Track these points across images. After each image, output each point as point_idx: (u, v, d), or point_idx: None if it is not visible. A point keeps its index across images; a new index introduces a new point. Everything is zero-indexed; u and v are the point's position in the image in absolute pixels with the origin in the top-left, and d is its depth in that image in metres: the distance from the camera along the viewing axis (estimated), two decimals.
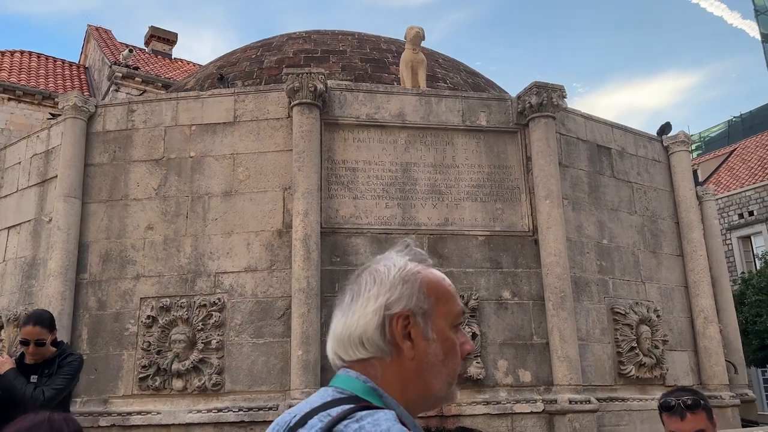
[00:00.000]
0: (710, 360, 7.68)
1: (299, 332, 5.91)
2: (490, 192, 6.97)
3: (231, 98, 6.96)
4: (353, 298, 1.17)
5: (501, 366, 6.43)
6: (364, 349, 1.13)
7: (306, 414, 1.07)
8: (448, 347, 1.16)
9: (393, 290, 1.14)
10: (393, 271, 1.17)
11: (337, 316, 1.19)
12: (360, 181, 6.71)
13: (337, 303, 1.21)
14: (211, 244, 6.52)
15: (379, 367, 1.13)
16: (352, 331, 1.14)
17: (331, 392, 1.11)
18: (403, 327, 1.12)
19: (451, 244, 6.70)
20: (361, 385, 1.11)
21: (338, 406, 1.04)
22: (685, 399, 3.06)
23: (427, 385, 1.14)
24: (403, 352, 1.12)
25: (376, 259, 1.22)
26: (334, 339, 1.17)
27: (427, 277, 1.19)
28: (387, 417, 0.99)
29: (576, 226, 7.25)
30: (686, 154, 8.52)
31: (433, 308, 1.16)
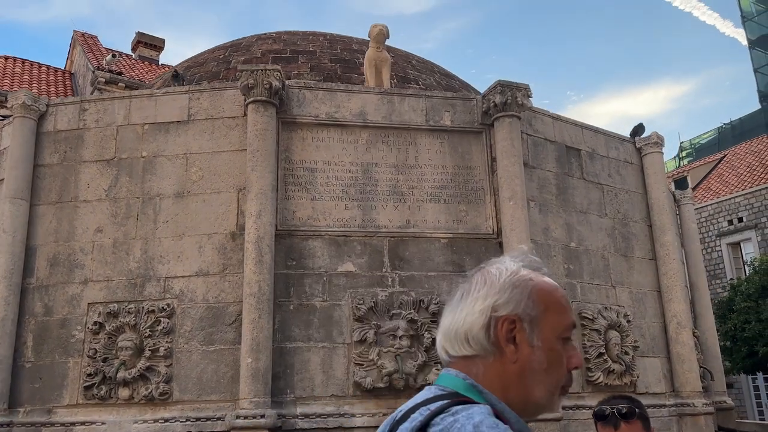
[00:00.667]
0: (683, 366, 7.47)
1: (249, 339, 5.67)
2: (453, 193, 6.76)
3: (185, 96, 6.74)
4: (463, 296, 1.23)
5: None
6: (469, 346, 1.18)
7: (409, 409, 1.12)
8: (553, 357, 1.18)
9: (502, 293, 1.18)
10: (504, 275, 1.21)
11: (447, 312, 1.25)
12: (319, 182, 6.49)
13: (449, 300, 1.26)
14: (162, 247, 6.28)
15: (481, 365, 1.17)
16: (458, 327, 1.19)
17: (433, 390, 1.17)
18: (508, 330, 1.16)
19: (412, 247, 6.49)
20: (461, 382, 1.16)
21: (438, 402, 1.09)
22: (620, 407, 2.85)
23: (527, 390, 1.16)
24: (505, 354, 1.16)
25: (490, 262, 1.27)
26: (442, 333, 1.23)
27: (538, 285, 1.21)
28: (480, 410, 1.03)
29: (543, 228, 7.05)
30: (659, 155, 8.34)
31: (542, 316, 1.19)
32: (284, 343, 5.95)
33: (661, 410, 7.17)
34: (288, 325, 6.01)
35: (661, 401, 7.29)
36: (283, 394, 5.82)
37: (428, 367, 6.01)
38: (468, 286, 1.24)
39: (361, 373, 5.88)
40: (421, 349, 6.00)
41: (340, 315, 6.11)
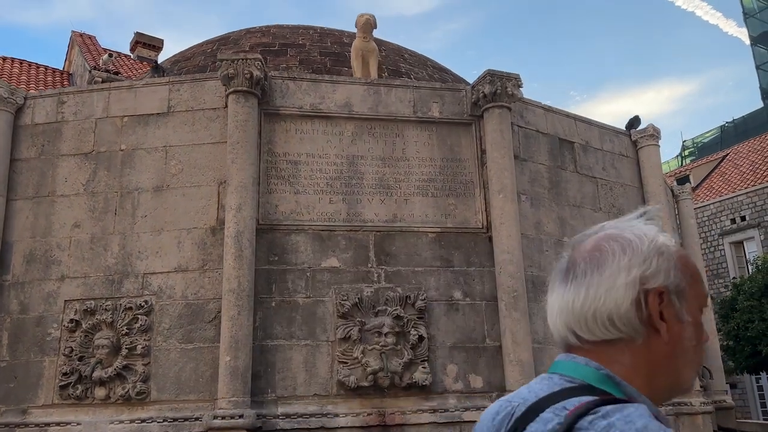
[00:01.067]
0: None
1: (228, 336, 5.47)
2: (442, 186, 6.57)
3: (165, 88, 6.55)
4: (594, 268, 1.02)
5: (450, 371, 6.00)
6: (614, 329, 1.00)
7: (534, 404, 0.97)
8: (699, 332, 1.04)
9: (648, 262, 1.01)
10: (646, 241, 1.03)
11: (562, 288, 1.06)
12: (302, 175, 6.30)
13: (555, 271, 1.09)
14: (140, 242, 6.09)
15: (626, 350, 1.00)
16: (598, 306, 1.00)
17: (557, 380, 1.01)
18: (659, 305, 1.00)
19: (399, 242, 6.29)
20: (592, 372, 1.00)
21: (572, 398, 0.94)
22: None
23: (677, 372, 1.03)
24: (656, 334, 1.00)
25: (608, 225, 1.08)
26: (569, 314, 1.03)
27: (679, 252, 1.06)
28: (640, 412, 0.87)
29: (534, 222, 6.84)
30: (655, 148, 8.13)
31: (688, 287, 1.04)
32: (265, 340, 5.76)
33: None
34: (269, 322, 5.81)
35: None
36: (264, 393, 5.62)
37: (414, 365, 5.81)
38: (598, 254, 1.03)
39: (345, 371, 5.68)
40: (407, 346, 5.80)
41: (324, 312, 5.92)
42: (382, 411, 5.67)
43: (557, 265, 1.10)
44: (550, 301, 1.10)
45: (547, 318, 1.12)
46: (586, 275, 1.03)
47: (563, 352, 1.07)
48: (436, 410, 5.77)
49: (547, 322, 1.12)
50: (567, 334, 1.05)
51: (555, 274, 1.10)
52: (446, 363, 6.01)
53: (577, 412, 0.89)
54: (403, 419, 5.68)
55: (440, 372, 5.97)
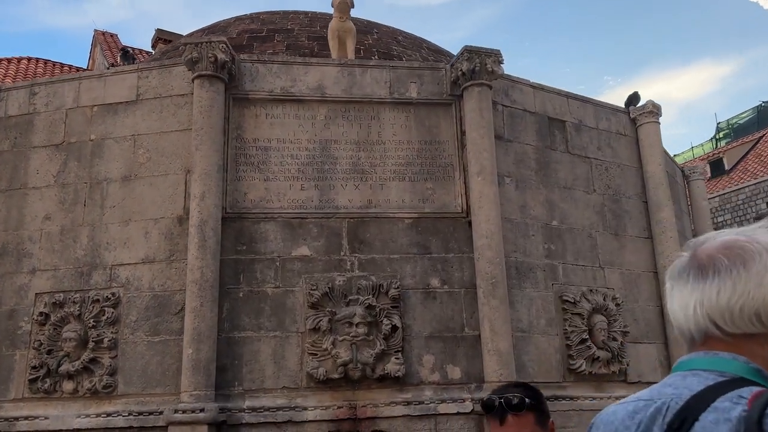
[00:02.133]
0: (681, 353, 6.84)
1: (191, 328, 5.32)
2: (420, 170, 6.29)
3: (134, 75, 6.41)
4: (740, 265, 1.06)
5: (427, 362, 5.75)
6: (759, 324, 1.05)
7: (695, 397, 1.01)
8: None
9: None
10: None
11: (700, 282, 1.10)
12: (272, 162, 6.10)
13: (677, 269, 1.15)
14: (108, 233, 5.98)
15: (766, 344, 1.05)
16: (746, 301, 1.05)
17: (707, 375, 1.05)
18: None
19: (374, 229, 6.05)
20: (742, 366, 1.04)
21: (740, 388, 0.98)
22: (509, 397, 2.38)
23: None
24: None
25: (729, 231, 1.14)
26: (713, 306, 1.07)
27: None
28: None
29: (519, 206, 6.53)
30: (655, 126, 7.70)
31: None
32: (233, 332, 5.59)
33: None
34: (237, 313, 5.64)
35: None
36: (231, 386, 5.46)
37: (387, 356, 5.58)
38: (740, 252, 1.08)
39: (314, 363, 5.48)
40: (380, 336, 5.58)
41: (294, 302, 5.72)
42: (353, 404, 5.46)
43: (677, 264, 1.16)
44: (679, 296, 1.13)
45: (674, 312, 1.15)
46: (731, 271, 1.07)
47: (695, 348, 1.13)
48: (411, 402, 5.53)
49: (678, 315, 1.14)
50: (708, 325, 1.08)
51: (679, 271, 1.14)
52: (422, 353, 5.76)
53: (762, 399, 0.92)
54: (375, 412, 5.46)
55: (416, 363, 5.73)
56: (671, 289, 1.17)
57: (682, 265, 1.15)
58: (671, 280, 1.17)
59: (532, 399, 2.36)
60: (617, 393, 6.38)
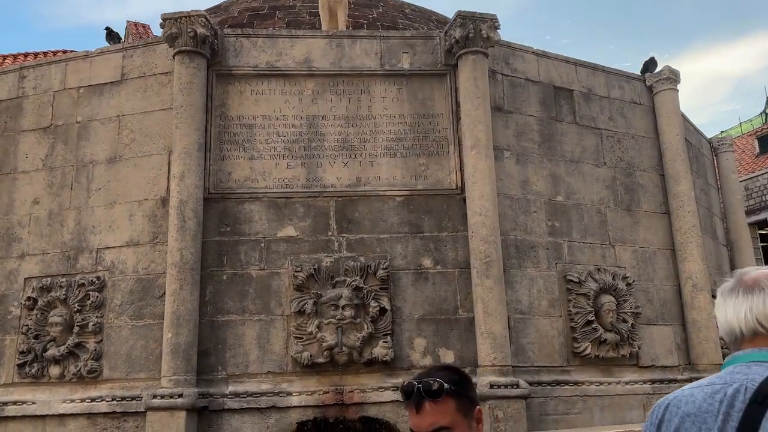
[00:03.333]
0: (699, 335, 6.44)
1: (170, 312, 5.18)
2: (412, 145, 5.99)
3: (119, 55, 6.26)
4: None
5: (418, 345, 5.49)
6: None
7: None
8: None
9: None
10: None
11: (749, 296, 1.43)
12: (258, 140, 5.88)
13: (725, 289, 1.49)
14: (94, 216, 5.87)
15: None
16: None
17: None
18: None
19: (363, 207, 5.79)
20: None
21: None
22: (428, 382, 2.08)
23: None
24: None
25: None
26: (761, 312, 1.40)
27: None
28: None
29: (520, 181, 6.16)
30: (672, 93, 7.19)
31: None
32: (216, 316, 5.43)
33: (670, 386, 6.19)
34: (221, 296, 5.48)
35: (671, 375, 6.32)
36: (214, 371, 5.31)
37: (375, 339, 5.34)
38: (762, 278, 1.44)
39: (298, 347, 5.28)
40: (368, 319, 5.33)
41: (279, 284, 5.52)
42: (340, 389, 5.25)
43: (726, 285, 1.48)
44: (732, 305, 1.44)
45: (727, 317, 1.44)
46: None
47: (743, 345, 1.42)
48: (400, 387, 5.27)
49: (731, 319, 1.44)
50: (756, 326, 1.40)
51: (730, 289, 1.47)
52: (413, 336, 5.50)
53: None
54: (363, 397, 5.24)
55: (406, 346, 5.47)
56: (723, 301, 1.47)
57: (730, 285, 1.47)
58: (722, 295, 1.48)
59: (454, 384, 2.07)
60: (628, 377, 6.02)
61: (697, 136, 8.78)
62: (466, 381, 2.13)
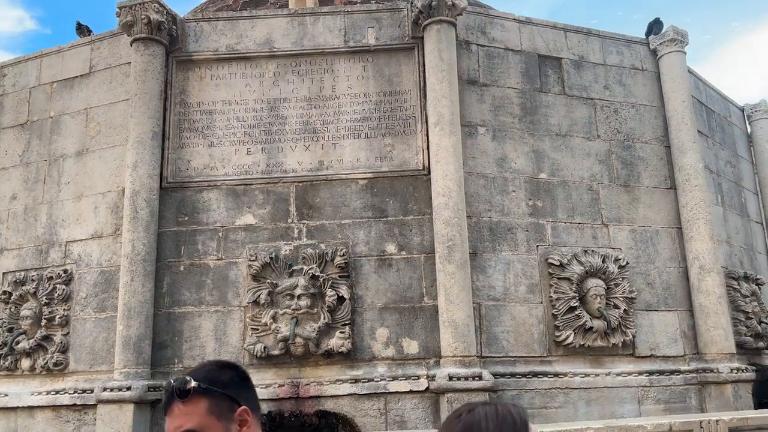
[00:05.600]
0: (707, 322, 5.84)
1: (122, 304, 5.12)
2: (377, 125, 5.68)
3: (88, 47, 6.25)
4: None
5: (380, 335, 5.20)
6: None
7: None
8: None
9: None
10: None
11: None
12: (217, 126, 5.73)
13: None
14: (64, 210, 5.90)
15: None
16: None
17: None
18: None
19: (324, 192, 5.54)
20: None
21: None
22: (182, 380, 1.82)
23: None
24: None
25: None
26: None
27: None
28: None
29: (497, 158, 5.74)
30: (679, 56, 6.52)
31: None
32: (173, 308, 5.33)
33: (673, 377, 5.66)
34: (177, 288, 5.37)
35: (674, 366, 5.76)
36: (171, 364, 5.22)
37: (333, 329, 5.09)
38: None
39: (252, 339, 5.11)
40: (324, 309, 5.09)
41: (237, 275, 5.36)
42: (296, 382, 5.05)
43: None
44: None
45: None
46: None
47: None
48: (359, 380, 5.03)
49: None
50: None
51: None
52: (375, 326, 5.22)
53: None
54: (319, 390, 5.01)
55: (368, 337, 5.20)
56: None
57: None
58: None
59: (209, 382, 1.79)
60: (620, 368, 5.53)
61: (723, 103, 8.01)
62: (232, 379, 1.84)
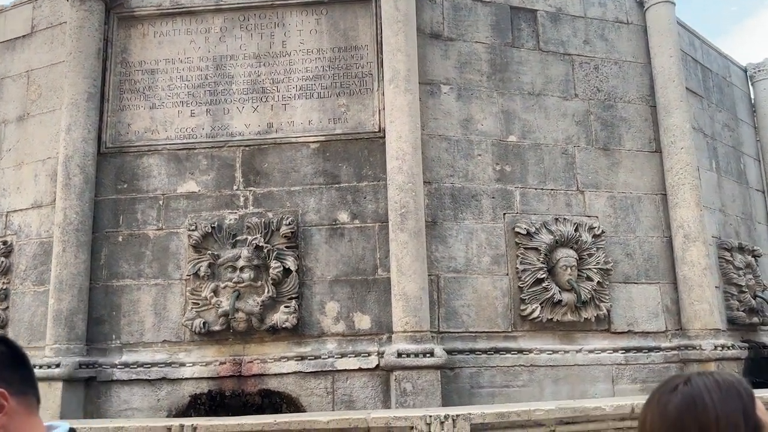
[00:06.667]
0: (690, 295, 5.40)
1: (54, 276, 4.81)
2: (331, 84, 5.25)
3: (30, 6, 5.87)
4: None
5: (330, 310, 4.84)
6: None
7: None
8: None
9: None
10: None
11: None
12: (160, 86, 5.34)
13: None
14: (5, 179, 5.58)
15: None
16: None
17: None
18: None
19: (273, 157, 5.15)
20: None
21: None
22: None
23: None
24: None
25: None
26: None
27: None
28: None
29: (461, 120, 5.30)
30: (667, 7, 5.98)
31: None
32: (111, 281, 5.01)
33: (651, 354, 5.26)
34: (116, 260, 5.04)
35: (654, 343, 5.34)
36: (108, 340, 4.92)
37: (279, 304, 4.74)
38: None
39: (191, 314, 4.78)
40: (269, 282, 4.74)
41: (178, 246, 5.02)
42: (238, 359, 4.72)
43: None
44: None
45: None
46: None
47: None
48: (305, 357, 4.69)
49: None
50: None
51: None
52: (325, 300, 4.86)
53: None
54: (263, 368, 4.68)
55: (317, 311, 4.84)
56: None
57: None
58: None
59: None
60: (593, 345, 5.13)
61: (722, 62, 7.45)
62: None
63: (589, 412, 3.65)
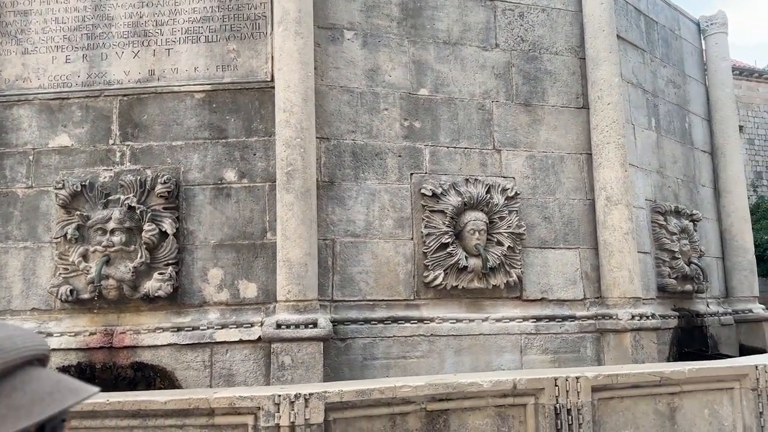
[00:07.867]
0: (610, 261, 5.07)
1: None
2: (221, 27, 4.74)
3: None
4: None
5: (213, 277, 4.45)
6: None
7: None
8: None
9: None
10: None
11: None
12: (33, 29, 4.80)
13: None
14: None
15: None
16: None
17: None
18: None
19: (153, 108, 4.66)
20: None
21: None
22: None
23: None
24: None
25: None
26: None
27: None
28: None
29: (366, 70, 4.83)
30: None
31: None
32: None
33: (565, 324, 4.95)
34: None
35: (569, 311, 5.03)
36: None
37: (153, 269, 4.33)
38: None
39: (58, 280, 4.36)
40: (142, 247, 4.32)
41: (49, 206, 4.56)
42: (110, 330, 4.33)
43: None
44: None
45: None
46: None
47: None
48: (182, 328, 4.31)
49: None
50: None
51: None
52: (208, 267, 4.46)
53: None
54: (136, 340, 4.30)
55: (199, 279, 4.44)
56: None
57: None
58: None
59: None
60: (501, 313, 4.80)
61: (671, 13, 7.00)
62: None
63: (465, 389, 3.32)
